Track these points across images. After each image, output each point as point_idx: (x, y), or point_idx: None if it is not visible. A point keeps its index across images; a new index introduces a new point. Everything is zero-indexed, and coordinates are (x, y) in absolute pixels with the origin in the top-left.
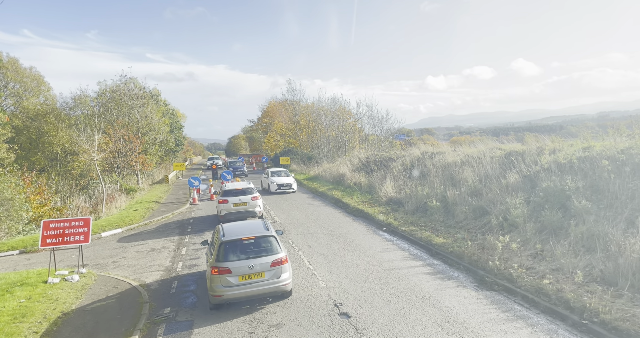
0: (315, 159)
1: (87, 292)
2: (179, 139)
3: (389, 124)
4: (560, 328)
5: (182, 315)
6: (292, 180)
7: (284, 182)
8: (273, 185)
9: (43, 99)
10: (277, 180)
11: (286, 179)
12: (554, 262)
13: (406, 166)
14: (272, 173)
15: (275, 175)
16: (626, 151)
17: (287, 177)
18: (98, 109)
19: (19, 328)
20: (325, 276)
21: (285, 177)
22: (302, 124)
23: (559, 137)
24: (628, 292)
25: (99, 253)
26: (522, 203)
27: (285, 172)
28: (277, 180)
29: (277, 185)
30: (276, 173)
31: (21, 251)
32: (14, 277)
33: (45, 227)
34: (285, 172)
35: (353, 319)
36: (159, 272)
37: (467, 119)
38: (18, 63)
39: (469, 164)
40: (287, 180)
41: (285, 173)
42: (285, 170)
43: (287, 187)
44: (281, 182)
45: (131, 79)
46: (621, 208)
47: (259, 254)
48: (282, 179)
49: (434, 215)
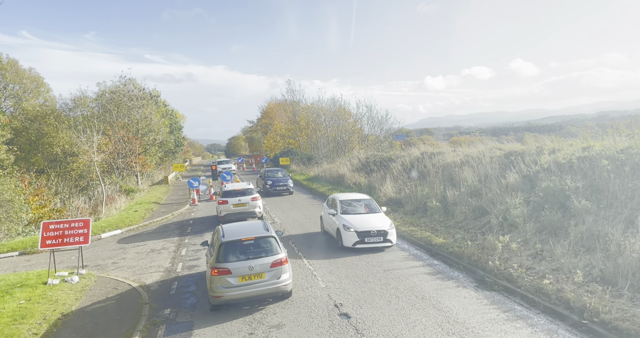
0: (315, 160)
1: (87, 293)
2: (179, 140)
3: (388, 124)
4: (560, 328)
5: (182, 316)
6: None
7: None
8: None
9: (42, 100)
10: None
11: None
12: (553, 262)
13: (406, 166)
14: (267, 172)
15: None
16: (626, 151)
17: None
18: (97, 110)
19: (18, 330)
20: (325, 276)
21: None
22: (302, 125)
23: (559, 137)
24: (628, 291)
25: (99, 254)
26: (522, 203)
27: (282, 171)
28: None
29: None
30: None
31: (21, 252)
32: (13, 279)
33: (45, 228)
34: (282, 171)
35: (353, 320)
36: (158, 273)
37: (467, 119)
38: (18, 64)
39: (468, 164)
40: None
41: (282, 172)
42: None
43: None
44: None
45: (130, 80)
46: (621, 208)
47: (258, 255)
48: None
49: (433, 216)
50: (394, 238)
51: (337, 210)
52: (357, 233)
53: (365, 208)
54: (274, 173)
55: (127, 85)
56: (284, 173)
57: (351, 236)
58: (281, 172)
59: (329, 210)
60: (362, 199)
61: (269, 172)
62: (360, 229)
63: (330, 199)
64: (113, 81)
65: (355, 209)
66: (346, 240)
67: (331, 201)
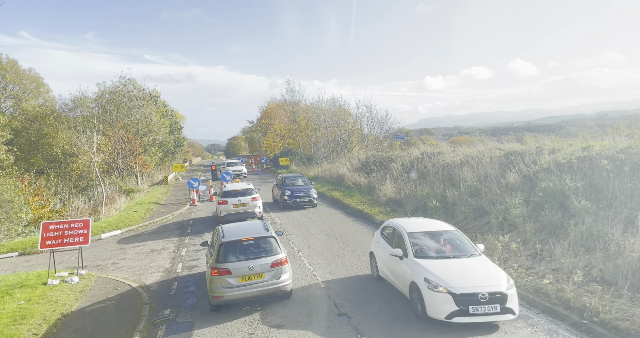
0: (315, 160)
1: (87, 294)
2: (179, 140)
3: (388, 124)
4: (560, 328)
5: (182, 317)
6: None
7: None
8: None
9: (42, 100)
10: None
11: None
12: (553, 261)
13: (406, 166)
14: (285, 179)
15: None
16: (625, 151)
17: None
18: (97, 110)
19: (18, 330)
20: (325, 277)
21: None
22: (302, 125)
23: (558, 137)
24: (628, 291)
25: (99, 254)
26: (522, 203)
27: (302, 178)
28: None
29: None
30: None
31: (21, 253)
32: (13, 279)
33: (44, 229)
34: (303, 178)
35: (353, 320)
36: (158, 273)
37: (466, 119)
38: (17, 65)
39: (468, 164)
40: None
41: (302, 180)
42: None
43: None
44: None
45: (130, 80)
46: (620, 208)
47: (258, 255)
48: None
49: (433, 216)
50: (516, 304)
51: (407, 249)
52: (455, 298)
53: (449, 247)
54: (293, 180)
55: (127, 86)
56: (305, 181)
57: (443, 301)
58: (302, 179)
59: (392, 250)
60: (444, 231)
61: (287, 180)
62: (459, 289)
63: (389, 228)
64: (113, 81)
65: (436, 249)
66: (434, 308)
67: (390, 232)
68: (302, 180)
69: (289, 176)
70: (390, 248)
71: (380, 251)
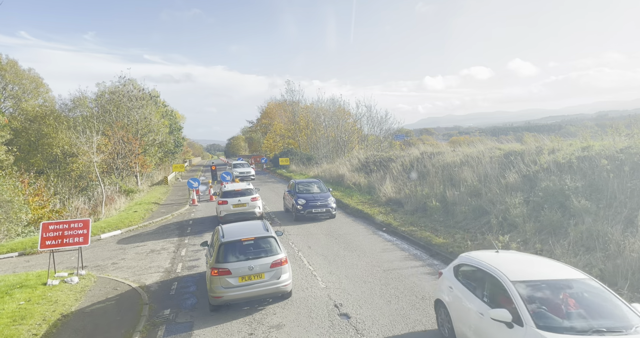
0: (315, 160)
1: (87, 294)
2: (178, 140)
3: (388, 124)
4: None
5: (182, 317)
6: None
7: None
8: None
9: (42, 100)
10: None
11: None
12: None
13: (406, 166)
14: (298, 185)
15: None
16: (625, 150)
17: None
18: (97, 110)
19: (18, 331)
20: (325, 277)
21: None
22: (302, 125)
23: (558, 137)
24: (627, 291)
25: (99, 255)
26: (522, 203)
27: (319, 184)
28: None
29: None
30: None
31: (20, 253)
32: (13, 279)
33: (44, 229)
34: (319, 184)
35: (353, 320)
36: (158, 273)
37: (466, 119)
38: (17, 65)
39: (468, 164)
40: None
41: (318, 186)
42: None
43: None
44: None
45: (130, 81)
46: (620, 208)
47: (258, 255)
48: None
49: (433, 216)
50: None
51: (520, 311)
52: None
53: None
54: (308, 187)
55: (126, 86)
56: (321, 187)
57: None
58: (318, 185)
59: (488, 310)
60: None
61: (300, 185)
62: None
63: (470, 267)
64: (112, 82)
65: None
66: None
67: (472, 273)
68: (318, 187)
69: (302, 181)
70: (482, 304)
71: (459, 303)
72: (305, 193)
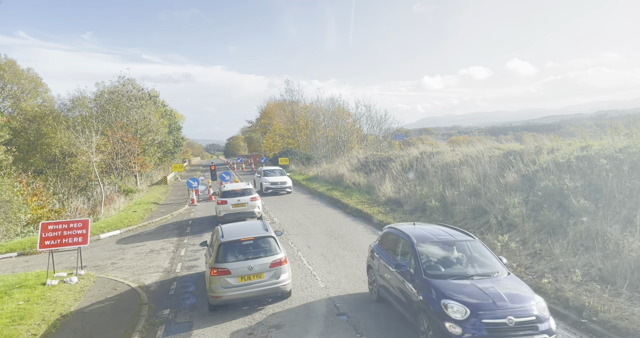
0: (314, 160)
1: (86, 294)
2: (178, 140)
3: (387, 124)
4: (559, 327)
5: (182, 317)
6: (287, 179)
7: (278, 180)
8: (266, 184)
9: (41, 100)
10: (271, 179)
11: (281, 178)
12: (552, 261)
13: (405, 166)
14: (265, 172)
15: (270, 173)
16: (624, 150)
17: (282, 176)
18: (96, 110)
19: (17, 331)
20: (324, 276)
21: (280, 176)
22: (301, 125)
23: (557, 137)
24: (626, 290)
25: (98, 255)
26: (521, 202)
27: (280, 171)
28: (270, 179)
29: (269, 184)
30: (270, 172)
31: (19, 253)
32: (12, 279)
33: (43, 229)
34: (281, 171)
35: (352, 319)
36: (157, 273)
37: (465, 119)
38: (16, 64)
39: (467, 164)
40: (282, 178)
41: (280, 172)
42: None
43: (282, 187)
44: (275, 180)
45: (129, 80)
46: (619, 207)
47: (258, 255)
48: (276, 178)
49: (433, 215)
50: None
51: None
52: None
53: (278, 173)
54: (272, 172)
55: (125, 86)
56: (282, 172)
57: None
58: (280, 171)
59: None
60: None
61: (266, 170)
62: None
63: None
64: (112, 81)
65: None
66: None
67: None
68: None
69: (269, 169)
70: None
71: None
72: (270, 176)
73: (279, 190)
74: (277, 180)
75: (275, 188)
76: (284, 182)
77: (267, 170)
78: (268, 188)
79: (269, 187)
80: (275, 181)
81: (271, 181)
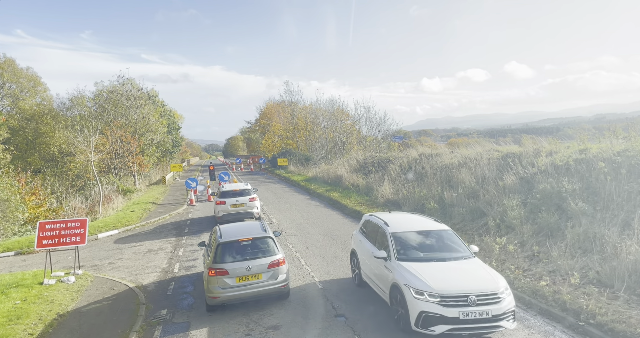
0: (313, 161)
1: (83, 294)
2: (176, 140)
3: (386, 125)
4: (556, 330)
5: (179, 317)
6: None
7: None
8: None
9: (40, 99)
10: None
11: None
12: (550, 263)
13: (404, 168)
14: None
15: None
16: (622, 153)
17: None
18: (95, 109)
19: (14, 330)
20: (322, 277)
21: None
22: (300, 125)
23: (556, 139)
24: (624, 293)
25: (96, 254)
26: (519, 205)
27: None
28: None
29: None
30: None
31: (17, 252)
32: (9, 279)
33: (41, 228)
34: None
35: (350, 321)
36: (155, 273)
37: (464, 121)
38: (15, 63)
39: (466, 166)
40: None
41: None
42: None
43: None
44: None
45: (129, 80)
46: (617, 210)
47: (256, 255)
48: None
49: (431, 217)
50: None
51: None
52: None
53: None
54: None
55: (125, 85)
56: None
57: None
58: None
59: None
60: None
61: None
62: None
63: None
64: (111, 81)
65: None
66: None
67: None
68: None
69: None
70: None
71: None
72: None
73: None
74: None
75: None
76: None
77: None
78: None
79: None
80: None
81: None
